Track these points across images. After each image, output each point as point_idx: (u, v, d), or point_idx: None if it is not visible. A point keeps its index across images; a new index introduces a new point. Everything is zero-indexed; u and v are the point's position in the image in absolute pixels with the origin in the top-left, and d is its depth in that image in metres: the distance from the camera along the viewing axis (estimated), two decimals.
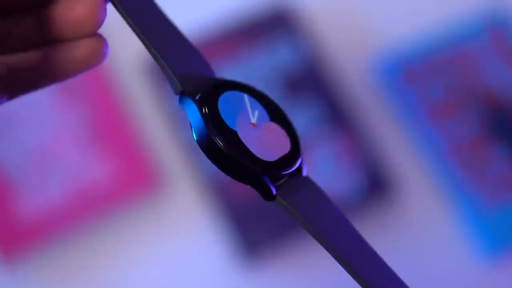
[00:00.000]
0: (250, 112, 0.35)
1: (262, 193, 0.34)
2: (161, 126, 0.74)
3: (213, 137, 0.33)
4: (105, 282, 0.70)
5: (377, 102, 0.76)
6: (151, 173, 0.71)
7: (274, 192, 0.33)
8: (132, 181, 0.70)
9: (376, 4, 0.78)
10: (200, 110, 0.34)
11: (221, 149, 0.33)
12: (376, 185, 0.71)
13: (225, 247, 0.71)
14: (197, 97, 0.34)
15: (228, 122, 0.34)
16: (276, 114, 0.35)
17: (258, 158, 0.33)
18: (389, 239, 0.72)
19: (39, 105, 0.71)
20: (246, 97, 0.35)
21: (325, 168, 0.72)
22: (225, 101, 0.35)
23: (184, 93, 0.34)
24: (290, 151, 0.35)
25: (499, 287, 0.72)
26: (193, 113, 0.34)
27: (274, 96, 0.73)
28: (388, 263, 0.34)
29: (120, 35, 0.74)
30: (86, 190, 0.70)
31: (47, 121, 0.71)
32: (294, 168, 0.34)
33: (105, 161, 0.70)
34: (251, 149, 0.34)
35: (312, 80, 0.74)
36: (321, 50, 0.76)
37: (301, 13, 0.77)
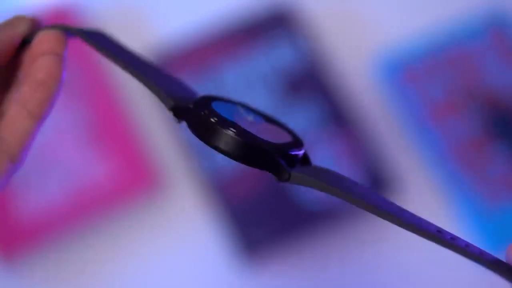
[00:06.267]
0: (244, 114, 0.36)
1: (277, 173, 0.34)
2: (161, 126, 0.74)
3: (223, 129, 0.34)
4: (105, 282, 0.70)
5: (378, 102, 0.76)
6: (151, 173, 0.70)
7: (289, 170, 0.34)
8: (132, 181, 0.70)
9: (376, 4, 0.78)
10: (199, 113, 0.34)
11: (233, 137, 0.33)
12: (376, 185, 0.71)
13: (225, 247, 0.71)
14: (191, 106, 0.35)
15: (228, 117, 0.35)
16: (269, 119, 0.37)
17: (269, 142, 0.34)
18: (390, 238, 0.72)
19: None
20: (238, 106, 0.37)
21: None
22: (219, 108, 0.36)
23: (177, 107, 0.35)
24: (292, 140, 0.36)
25: (499, 286, 0.72)
26: (194, 117, 0.35)
27: (274, 96, 0.74)
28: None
29: (119, 35, 0.74)
30: (86, 190, 0.70)
31: (46, 121, 0.71)
32: (303, 150, 0.35)
33: (105, 161, 0.70)
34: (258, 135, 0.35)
35: (312, 80, 0.74)
36: (321, 50, 0.76)
37: (300, 13, 0.77)
